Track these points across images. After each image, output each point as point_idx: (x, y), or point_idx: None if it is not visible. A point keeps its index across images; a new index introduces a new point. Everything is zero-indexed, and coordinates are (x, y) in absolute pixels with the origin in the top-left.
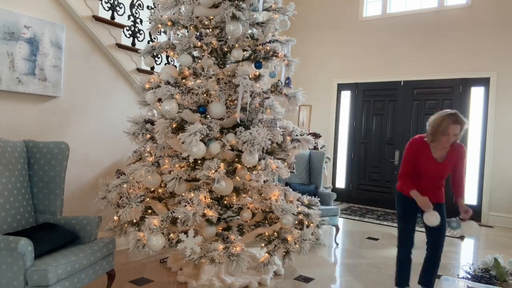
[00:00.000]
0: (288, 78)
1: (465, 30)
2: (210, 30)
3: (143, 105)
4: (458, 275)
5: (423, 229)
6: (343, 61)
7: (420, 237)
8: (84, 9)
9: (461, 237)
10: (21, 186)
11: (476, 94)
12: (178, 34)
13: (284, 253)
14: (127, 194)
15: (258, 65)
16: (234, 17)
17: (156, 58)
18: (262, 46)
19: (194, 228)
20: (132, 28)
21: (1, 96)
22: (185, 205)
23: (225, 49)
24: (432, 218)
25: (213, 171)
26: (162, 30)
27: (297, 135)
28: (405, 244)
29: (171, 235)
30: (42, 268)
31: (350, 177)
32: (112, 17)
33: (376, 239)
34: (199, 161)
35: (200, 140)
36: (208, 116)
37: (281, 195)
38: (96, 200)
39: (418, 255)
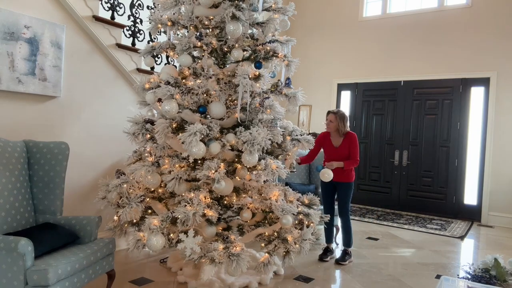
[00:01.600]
0: (288, 78)
1: (465, 30)
2: (210, 30)
3: (143, 105)
4: (458, 275)
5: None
6: (343, 61)
7: (420, 238)
8: (84, 9)
9: (461, 237)
10: (21, 186)
11: (476, 94)
12: (178, 34)
13: (284, 253)
14: (127, 194)
15: (258, 65)
16: (234, 17)
17: (156, 58)
18: (262, 46)
19: (194, 228)
20: (132, 28)
21: (1, 96)
22: (185, 205)
23: (225, 49)
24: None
25: (213, 171)
26: (162, 30)
27: (297, 135)
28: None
29: (171, 235)
30: (42, 268)
31: None
32: (112, 17)
33: (376, 239)
34: (199, 161)
35: (200, 140)
36: (208, 116)
37: (281, 195)
38: (96, 200)
39: (419, 255)
